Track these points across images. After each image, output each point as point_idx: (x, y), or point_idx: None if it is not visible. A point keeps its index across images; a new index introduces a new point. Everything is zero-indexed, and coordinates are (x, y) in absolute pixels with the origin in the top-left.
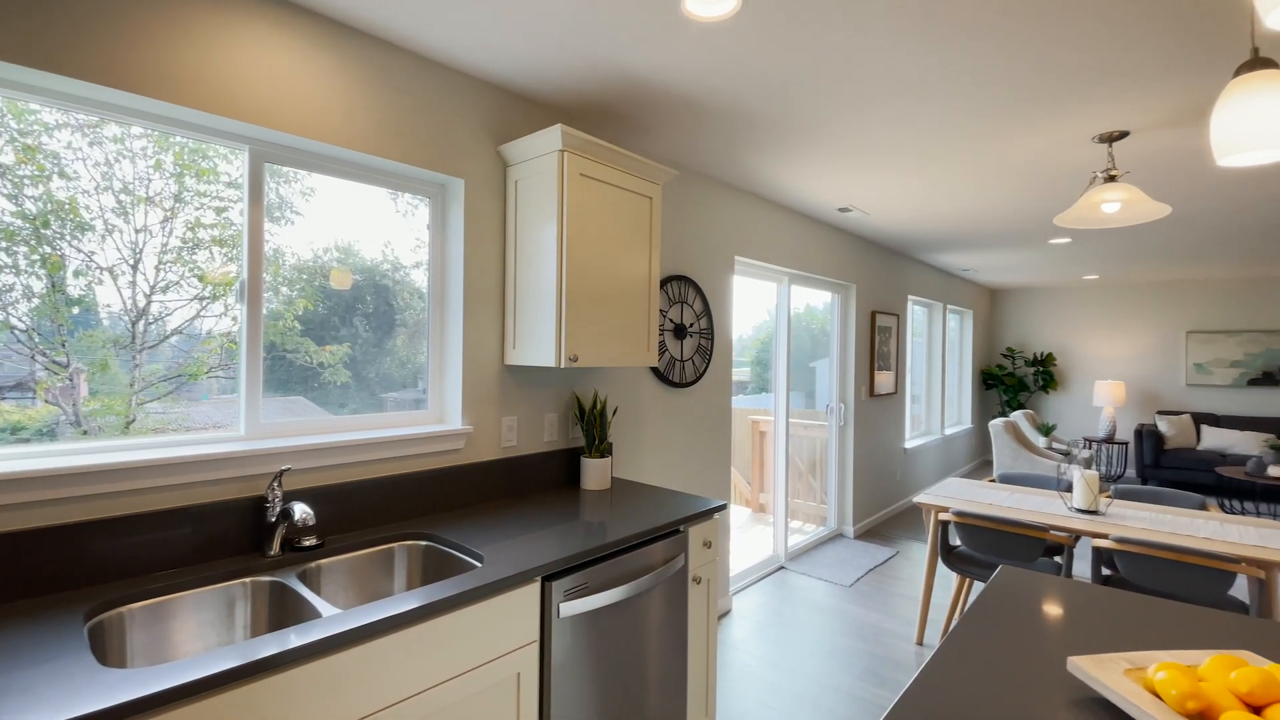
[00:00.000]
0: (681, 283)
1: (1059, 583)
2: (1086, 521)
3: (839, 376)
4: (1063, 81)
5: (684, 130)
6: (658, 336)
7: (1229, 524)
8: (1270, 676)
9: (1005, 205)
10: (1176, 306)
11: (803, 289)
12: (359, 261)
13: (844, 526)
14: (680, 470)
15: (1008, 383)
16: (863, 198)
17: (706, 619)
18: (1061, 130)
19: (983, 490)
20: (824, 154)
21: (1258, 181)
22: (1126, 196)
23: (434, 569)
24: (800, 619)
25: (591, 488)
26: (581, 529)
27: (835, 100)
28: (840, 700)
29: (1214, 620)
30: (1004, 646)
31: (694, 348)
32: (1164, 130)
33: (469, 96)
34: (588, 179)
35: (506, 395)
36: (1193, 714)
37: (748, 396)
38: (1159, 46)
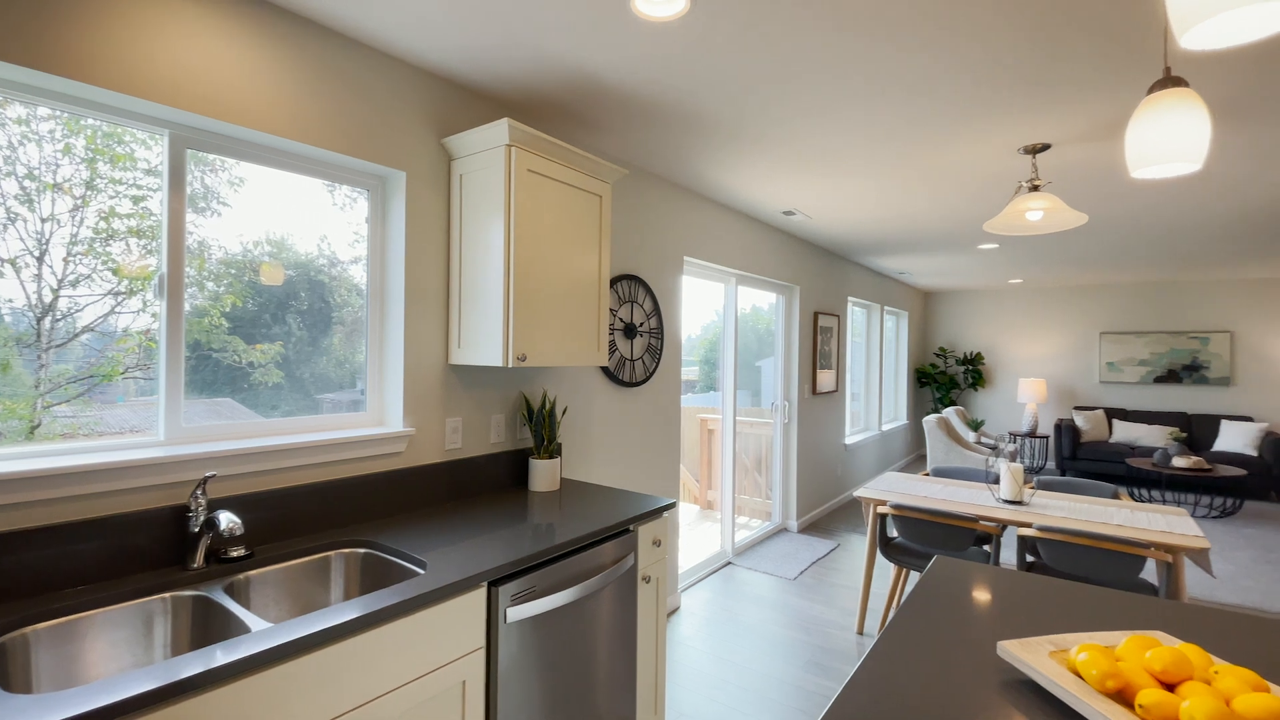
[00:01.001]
0: (632, 282)
1: (988, 570)
2: (1012, 512)
3: (783, 375)
4: (992, 95)
5: (635, 129)
6: (608, 336)
7: (1139, 511)
8: (1181, 655)
9: (939, 211)
10: (1091, 309)
11: (749, 290)
12: (293, 256)
13: (788, 521)
14: (630, 470)
15: (940, 381)
16: (806, 201)
17: (656, 617)
18: (990, 141)
19: (918, 484)
20: (770, 157)
21: (1167, 192)
22: (1048, 205)
23: (374, 577)
24: (746, 613)
25: (540, 489)
26: (529, 532)
27: (781, 105)
28: (785, 692)
29: (1128, 602)
30: (939, 633)
31: (644, 347)
32: (1082, 143)
33: (411, 86)
34: (536, 175)
35: (451, 396)
36: (1111, 692)
37: (696, 395)
38: (1078, 65)
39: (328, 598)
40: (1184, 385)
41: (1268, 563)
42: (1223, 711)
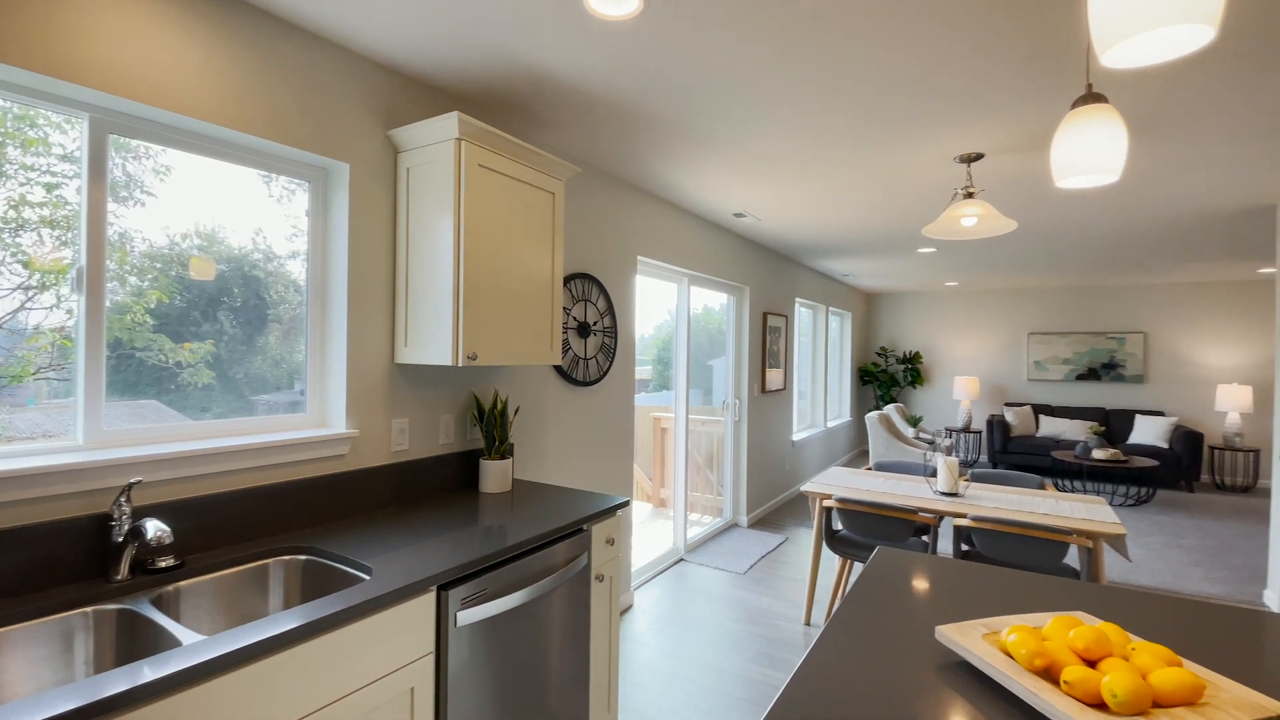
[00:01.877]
0: (585, 281)
1: (927, 559)
2: (949, 503)
3: (734, 374)
4: (930, 107)
5: (588, 127)
6: (561, 334)
7: (1063, 501)
8: (1102, 634)
9: (881, 215)
10: (1020, 311)
11: (701, 290)
12: (225, 250)
13: (739, 516)
14: (584, 469)
15: (881, 379)
16: (756, 204)
17: (609, 616)
18: (929, 150)
19: (861, 478)
20: (721, 159)
21: (1088, 202)
22: (981, 212)
23: (316, 585)
24: (698, 609)
25: (491, 491)
26: (480, 534)
27: (732, 108)
28: (735, 684)
29: (1053, 586)
30: (882, 621)
31: (598, 346)
32: (1013, 154)
33: (356, 76)
34: (487, 170)
35: (397, 396)
36: (1039, 670)
37: (650, 394)
38: (1009, 81)
39: (266, 607)
40: (1103, 382)
41: (1178, 547)
42: (1139, 685)
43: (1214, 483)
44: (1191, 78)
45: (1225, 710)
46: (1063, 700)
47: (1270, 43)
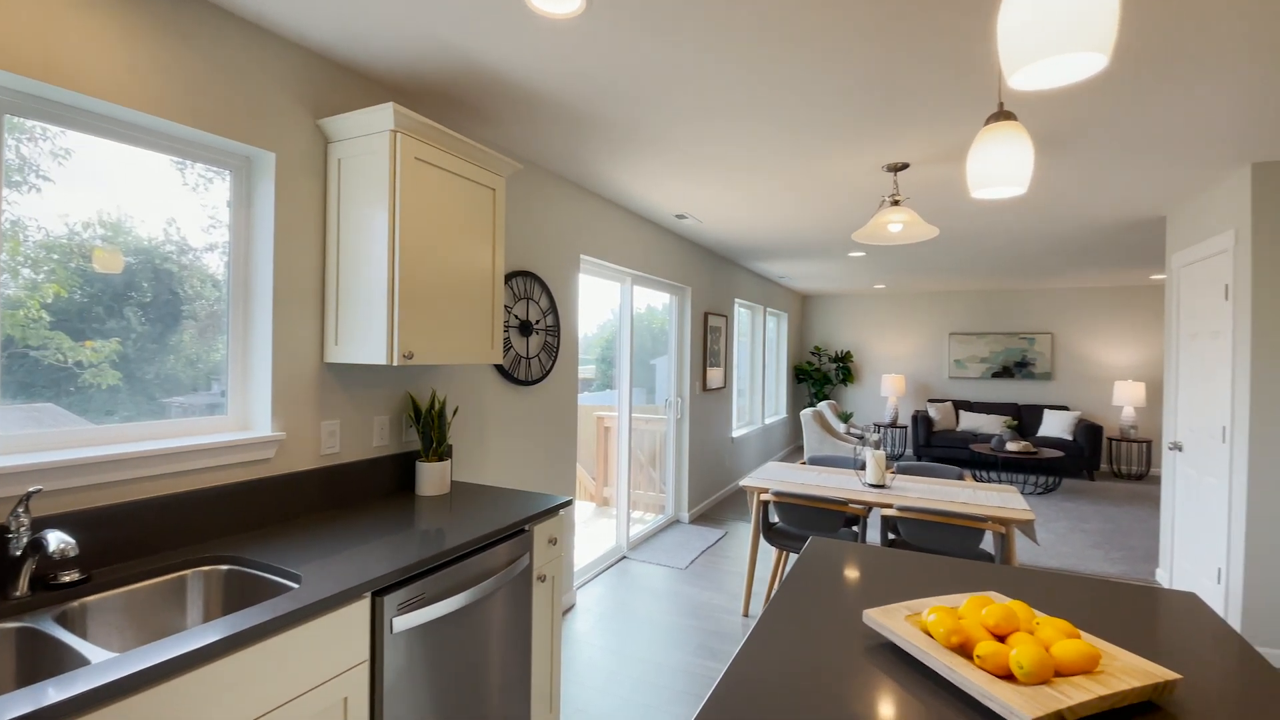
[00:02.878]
0: (527, 279)
1: (856, 548)
2: (877, 494)
3: (676, 373)
4: (861, 117)
5: (531, 124)
6: (502, 333)
7: (979, 490)
8: (1010, 611)
9: (814, 220)
10: (942, 312)
11: (644, 290)
12: (133, 240)
13: (680, 513)
14: (526, 469)
15: (815, 377)
16: (697, 206)
17: (551, 616)
18: (859, 159)
19: (796, 472)
20: (663, 160)
21: (1002, 211)
22: (907, 219)
23: (239, 595)
24: (640, 605)
25: (429, 493)
26: (417, 537)
27: (673, 110)
28: (677, 678)
29: (970, 569)
30: (814, 608)
31: (540, 345)
32: (936, 165)
33: (283, 61)
34: (424, 164)
35: (327, 397)
36: (955, 646)
37: (593, 393)
38: (932, 96)
39: (184, 621)
40: (1016, 380)
41: (1080, 531)
42: (1042, 656)
43: (1112, 471)
44: (1090, 100)
45: (1118, 677)
46: (976, 673)
47: (1156, 70)
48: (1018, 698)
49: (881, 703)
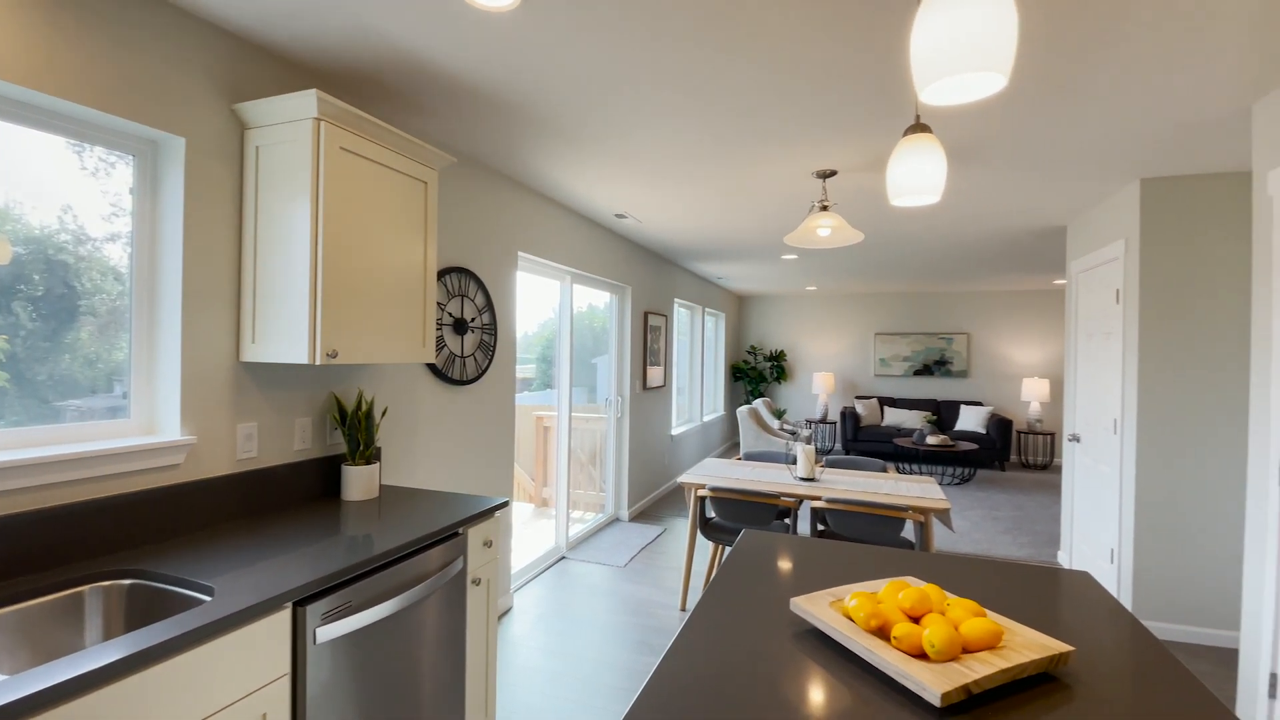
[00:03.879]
0: (462, 275)
1: (787, 539)
2: (807, 487)
3: (617, 371)
4: (792, 125)
5: (466, 118)
6: (435, 331)
7: (901, 482)
8: (924, 594)
9: (749, 223)
10: (868, 313)
11: (584, 288)
12: (22, 229)
13: (620, 511)
14: (461, 471)
15: (751, 375)
16: (636, 205)
17: (486, 619)
18: (791, 165)
19: (732, 468)
20: (602, 159)
21: (921, 218)
22: (835, 223)
23: (145, 611)
24: (579, 605)
25: (356, 498)
26: (343, 544)
27: (611, 109)
28: (615, 675)
29: (892, 556)
30: (745, 599)
31: (476, 343)
32: (861, 173)
33: (195, 40)
34: (350, 154)
35: (244, 398)
36: (874, 629)
37: (533, 393)
38: (858, 108)
39: (82, 640)
40: (935, 377)
41: (992, 519)
42: (952, 635)
43: (1021, 462)
44: (997, 117)
45: (1018, 651)
46: (892, 654)
47: (1052, 93)
48: (929, 674)
49: (807, 686)
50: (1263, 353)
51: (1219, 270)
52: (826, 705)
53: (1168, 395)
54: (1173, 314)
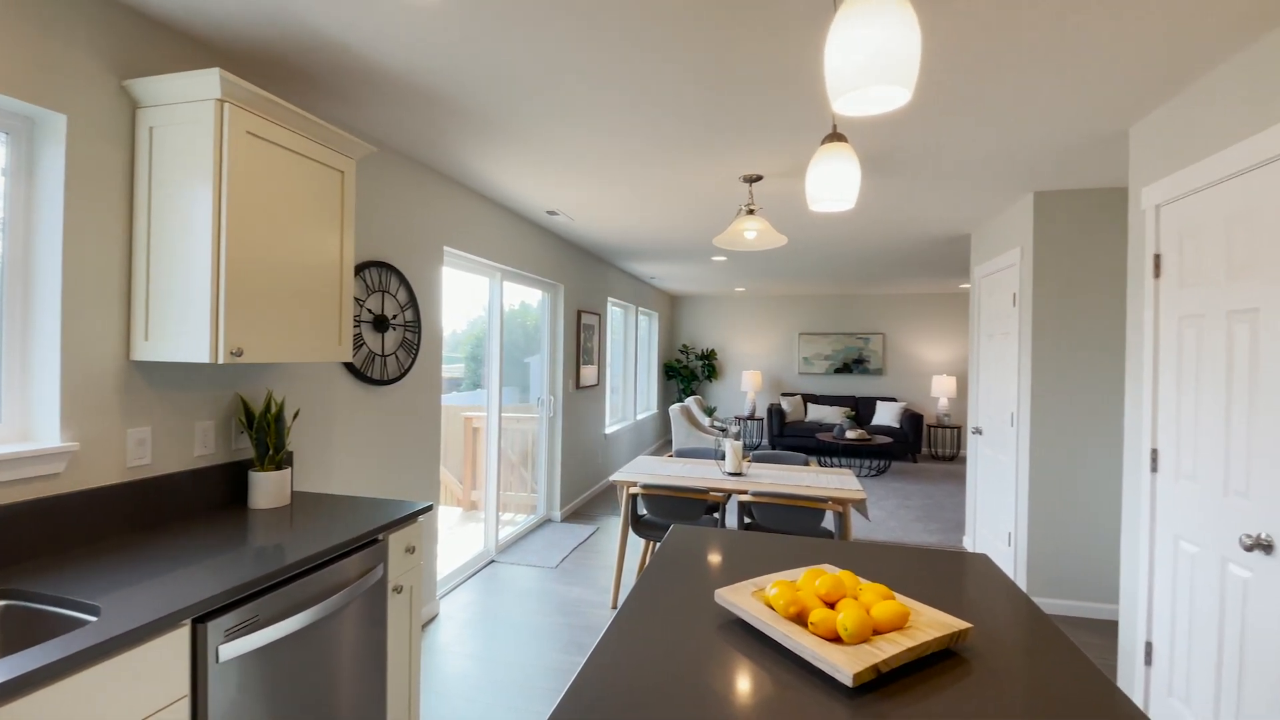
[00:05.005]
0: (383, 270)
1: (715, 533)
2: (735, 482)
3: (549, 370)
4: (720, 130)
5: (388, 106)
6: (353, 328)
7: (822, 474)
8: (838, 580)
9: (680, 224)
10: (793, 313)
11: (515, 285)
12: None
13: (552, 512)
14: (382, 475)
15: (684, 374)
16: (568, 203)
17: (409, 628)
18: (719, 169)
19: (663, 465)
20: (533, 155)
21: (838, 224)
22: (760, 227)
23: (20, 635)
24: (509, 608)
25: (265, 506)
26: (250, 555)
27: (542, 105)
28: (545, 676)
29: (812, 545)
30: (671, 593)
31: (398, 341)
32: (785, 178)
33: (79, 8)
34: (258, 139)
35: (136, 400)
36: (793, 615)
37: (463, 393)
38: (781, 115)
39: None
40: (854, 375)
41: (906, 507)
42: (863, 618)
43: (931, 454)
44: (908, 129)
45: (923, 630)
46: (809, 639)
47: (955, 111)
48: (842, 656)
49: (730, 675)
50: (1136, 351)
51: (1102, 276)
52: (748, 692)
53: (1057, 391)
54: (1061, 316)
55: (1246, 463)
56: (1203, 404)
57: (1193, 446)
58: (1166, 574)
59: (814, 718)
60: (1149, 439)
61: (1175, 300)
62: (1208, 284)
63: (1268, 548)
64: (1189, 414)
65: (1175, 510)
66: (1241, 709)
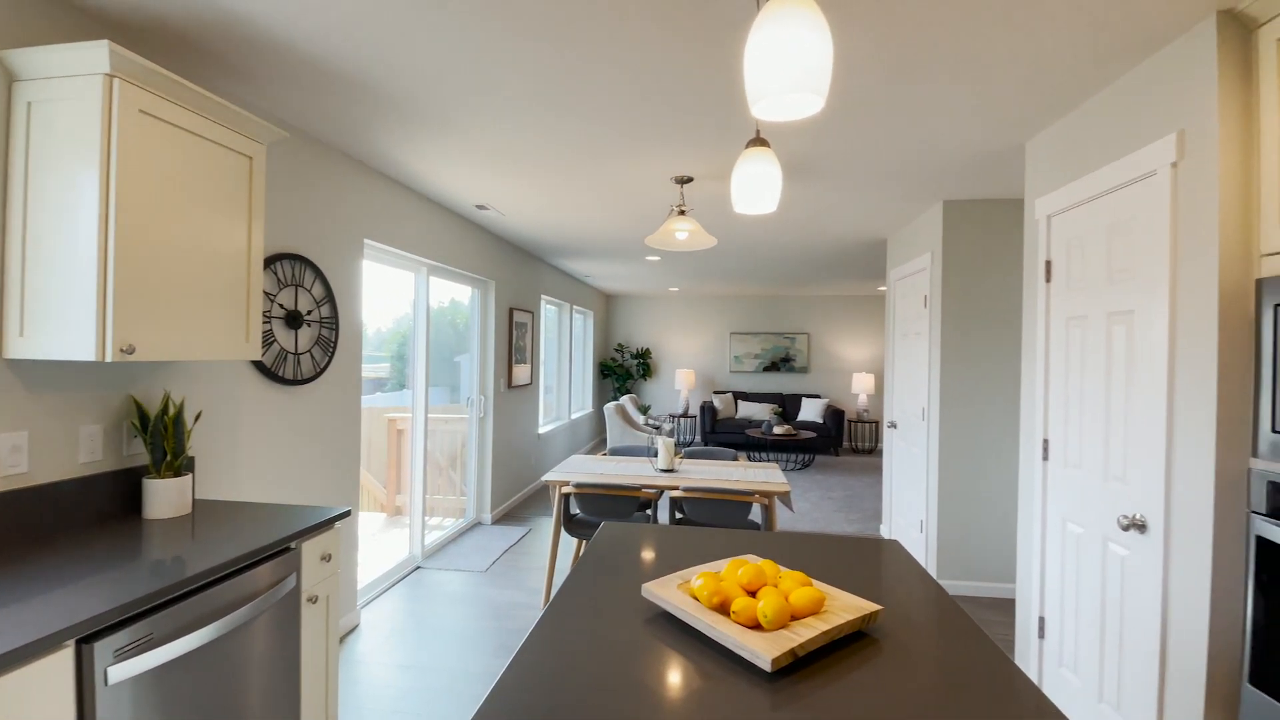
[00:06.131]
0: (296, 263)
1: (647, 529)
2: (667, 479)
3: (480, 370)
4: (651, 132)
5: (302, 90)
6: (262, 324)
7: (750, 469)
8: (759, 569)
9: (613, 223)
10: (725, 313)
11: (443, 281)
12: None
13: (483, 515)
14: (297, 481)
15: (619, 372)
16: (498, 198)
17: (326, 639)
18: (651, 169)
19: (597, 463)
20: (458, 148)
21: (764, 226)
22: (691, 228)
23: None
24: (436, 615)
25: (162, 515)
26: (144, 569)
27: (468, 96)
28: (474, 682)
29: (739, 537)
30: (600, 589)
31: (313, 338)
32: (714, 180)
33: None
34: (153, 119)
35: (8, 403)
36: (716, 605)
37: (389, 394)
38: (710, 119)
39: None
40: (781, 373)
41: (828, 499)
42: (782, 605)
43: (852, 448)
44: (827, 136)
45: (837, 614)
46: (731, 627)
47: (873, 120)
48: (762, 643)
49: (655, 666)
50: (1030, 350)
51: (1003, 280)
52: (672, 683)
53: (963, 387)
54: (967, 317)
55: (1124, 450)
56: (1086, 397)
57: (1078, 436)
58: (1056, 554)
59: (735, 704)
60: (1041, 430)
61: (1064, 302)
62: (1091, 288)
63: (1142, 527)
64: (1075, 406)
65: (1064, 495)
66: (1122, 675)
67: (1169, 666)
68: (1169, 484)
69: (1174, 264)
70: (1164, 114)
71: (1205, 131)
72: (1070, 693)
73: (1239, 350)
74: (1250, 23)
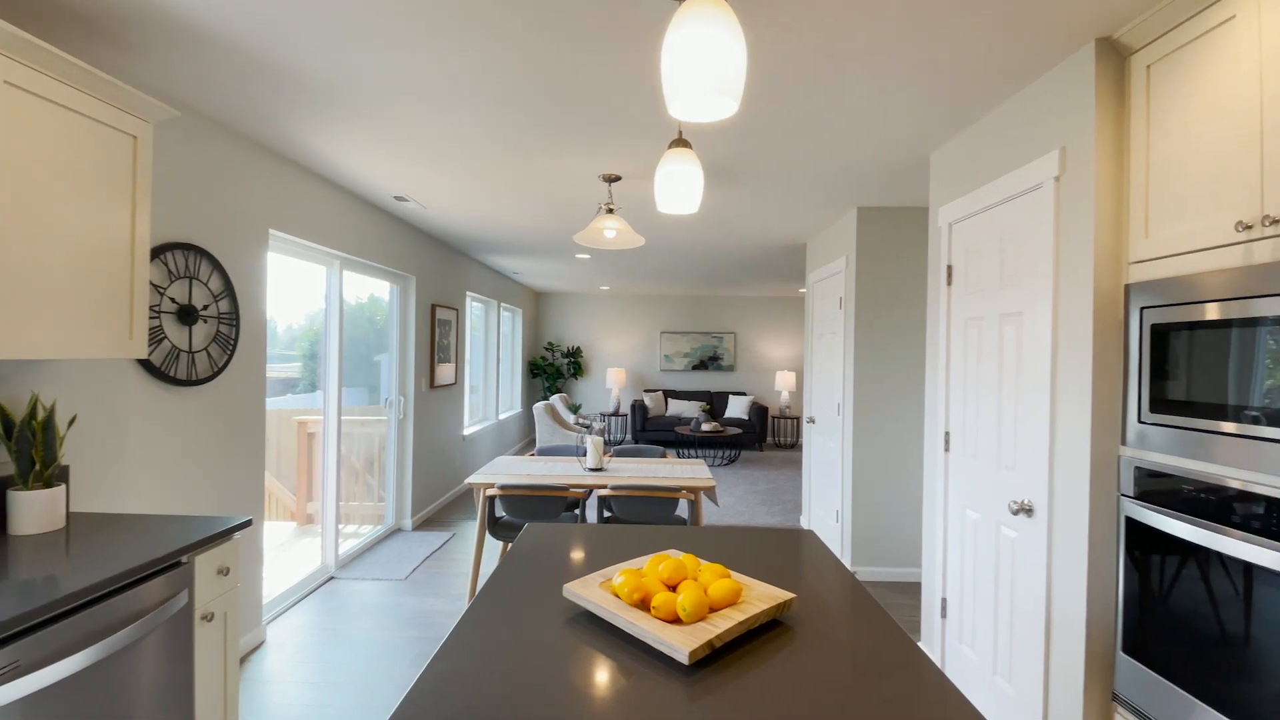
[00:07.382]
0: (190, 253)
1: (572, 528)
2: (596, 478)
3: (399, 369)
4: (576, 128)
5: (198, 66)
6: (149, 319)
7: (677, 465)
8: (680, 564)
9: (541, 219)
10: (655, 312)
11: (359, 276)
12: None
13: (403, 520)
14: (191, 490)
15: (549, 371)
16: (418, 189)
17: (224, 659)
18: (579, 166)
19: (524, 464)
20: (374, 135)
21: (689, 227)
22: (620, 226)
23: None
24: (351, 627)
25: (31, 531)
26: (9, 590)
27: (381, 78)
28: (392, 694)
29: (665, 533)
30: (522, 590)
31: (210, 335)
32: (641, 180)
33: None
34: (18, 90)
35: None
36: (638, 602)
37: (301, 395)
38: (635, 118)
39: None
40: (709, 371)
41: (753, 493)
42: (700, 598)
43: (775, 443)
44: (748, 141)
45: (753, 603)
46: (651, 623)
47: (791, 127)
48: (680, 636)
49: (576, 666)
50: (933, 348)
51: (911, 283)
52: (592, 681)
53: (874, 383)
54: (878, 318)
55: (1014, 441)
56: (982, 392)
57: (976, 429)
58: (956, 538)
59: (654, 698)
60: (943, 423)
61: (963, 304)
62: (986, 291)
63: (1029, 511)
64: (973, 401)
65: (963, 483)
66: (1014, 649)
67: (1053, 639)
68: (1052, 471)
69: (1056, 269)
70: (1049, 132)
71: (1084, 148)
72: (969, 667)
73: (1111, 349)
74: (1125, 49)
